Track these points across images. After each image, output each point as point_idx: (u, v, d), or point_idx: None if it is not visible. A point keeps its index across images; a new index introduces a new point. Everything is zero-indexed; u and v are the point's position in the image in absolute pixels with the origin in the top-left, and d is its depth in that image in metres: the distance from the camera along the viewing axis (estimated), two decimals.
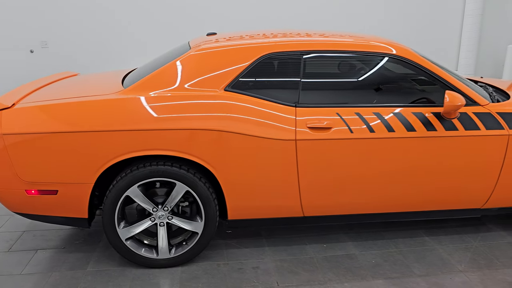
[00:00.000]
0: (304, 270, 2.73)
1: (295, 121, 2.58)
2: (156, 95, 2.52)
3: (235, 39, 2.81)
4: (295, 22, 7.37)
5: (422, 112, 2.70)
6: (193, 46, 2.80)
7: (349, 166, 2.65)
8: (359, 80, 2.76)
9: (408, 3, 7.56)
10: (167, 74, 2.61)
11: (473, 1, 7.49)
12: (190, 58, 2.65)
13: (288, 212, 2.78)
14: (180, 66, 2.63)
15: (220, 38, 2.88)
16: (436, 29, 7.79)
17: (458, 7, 7.69)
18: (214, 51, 2.67)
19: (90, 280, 2.61)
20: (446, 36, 7.84)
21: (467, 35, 7.67)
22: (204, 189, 2.60)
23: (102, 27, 7.06)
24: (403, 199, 2.81)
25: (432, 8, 7.65)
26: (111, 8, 6.98)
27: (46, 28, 6.99)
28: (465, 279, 2.63)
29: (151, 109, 2.48)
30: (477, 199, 2.91)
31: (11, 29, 6.93)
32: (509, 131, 2.74)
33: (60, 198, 2.55)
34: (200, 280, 2.61)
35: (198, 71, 2.61)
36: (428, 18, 7.69)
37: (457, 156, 2.73)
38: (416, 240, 3.11)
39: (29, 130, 2.43)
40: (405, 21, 7.65)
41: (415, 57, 2.78)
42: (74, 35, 7.05)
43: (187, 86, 2.58)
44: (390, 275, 2.67)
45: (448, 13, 7.71)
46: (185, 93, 2.55)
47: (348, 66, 2.79)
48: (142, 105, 2.49)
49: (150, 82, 2.59)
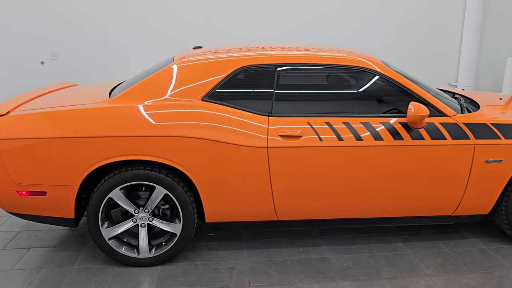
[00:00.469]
0: (277, 271, 2.87)
1: (267, 129, 2.74)
2: (137, 105, 2.72)
3: (215, 52, 3.00)
4: (293, 39, 7.57)
5: (390, 122, 2.84)
6: (175, 59, 3.00)
7: (319, 173, 2.80)
8: (330, 91, 2.92)
9: (408, 16, 7.68)
10: (149, 85, 2.81)
11: (473, 14, 7.58)
12: (171, 70, 2.85)
13: (263, 216, 2.93)
14: (161, 77, 2.83)
15: (205, 52, 3.07)
16: (436, 42, 7.88)
17: (457, 19, 7.79)
18: (193, 64, 2.87)
19: (75, 276, 2.79)
20: (446, 49, 7.93)
21: (467, 47, 7.75)
22: (182, 192, 2.77)
23: (109, 40, 7.36)
24: (372, 205, 2.94)
25: (432, 20, 7.76)
26: (118, 22, 7.29)
27: (56, 41, 7.32)
28: (430, 283, 2.74)
29: (132, 117, 2.67)
30: (447, 207, 3.02)
31: (24, 42, 7.28)
32: (475, 141, 2.86)
33: (49, 199, 2.76)
34: (177, 279, 2.77)
35: (178, 82, 2.81)
36: (428, 30, 7.79)
37: (424, 165, 2.86)
38: (390, 245, 3.22)
39: (21, 136, 2.64)
40: (405, 34, 7.77)
41: (385, 70, 2.93)
42: (82, 48, 7.36)
43: (167, 96, 2.78)
44: (358, 278, 2.79)
45: (448, 26, 7.81)
46: (165, 103, 2.75)
47: (320, 78, 2.95)
48: (124, 113, 2.69)
49: (133, 93, 2.80)
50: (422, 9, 7.70)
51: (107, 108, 2.71)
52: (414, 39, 7.82)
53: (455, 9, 7.74)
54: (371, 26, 7.70)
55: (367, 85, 2.96)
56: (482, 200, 3.01)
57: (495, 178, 2.94)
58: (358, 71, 2.93)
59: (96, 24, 7.29)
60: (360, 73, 2.93)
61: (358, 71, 2.93)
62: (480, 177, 2.93)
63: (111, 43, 7.38)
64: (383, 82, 2.92)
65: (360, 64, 2.93)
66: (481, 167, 2.90)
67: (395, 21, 7.71)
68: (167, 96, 2.78)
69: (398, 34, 7.77)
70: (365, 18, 7.65)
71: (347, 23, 7.65)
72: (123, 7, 7.23)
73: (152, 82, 2.82)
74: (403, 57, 7.88)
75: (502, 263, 2.97)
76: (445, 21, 7.78)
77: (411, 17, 7.71)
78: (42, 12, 7.17)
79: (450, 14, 7.77)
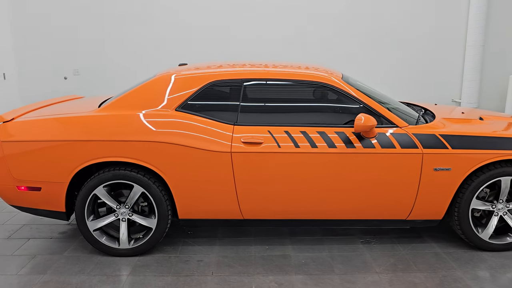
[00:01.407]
0: (240, 264, 3.19)
1: (232, 137, 3.10)
2: (119, 113, 3.15)
3: (193, 69, 3.41)
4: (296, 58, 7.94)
5: (344, 132, 3.15)
6: (156, 75, 3.43)
7: (277, 176, 3.12)
8: (291, 104, 3.26)
9: (412, 34, 7.92)
10: (130, 97, 3.24)
11: (474, 33, 7.73)
12: (149, 84, 3.27)
13: (230, 214, 3.27)
14: (141, 90, 3.26)
15: (184, 68, 3.49)
16: (440, 60, 8.05)
17: (460, 38, 7.96)
18: (170, 78, 3.28)
19: (63, 262, 3.21)
20: (450, 67, 8.08)
21: (469, 65, 7.89)
22: (157, 191, 3.15)
23: (126, 58, 7.95)
24: (330, 208, 3.22)
25: (435, 39, 7.96)
26: (133, 41, 7.88)
27: (78, 58, 7.98)
28: (376, 279, 2.99)
29: (114, 124, 3.10)
30: (401, 211, 3.27)
31: (49, 60, 7.98)
32: (423, 150, 3.11)
33: (43, 194, 3.20)
34: (149, 267, 3.14)
35: (155, 95, 3.22)
36: (432, 48, 7.99)
37: (376, 171, 3.13)
38: (351, 246, 3.48)
39: (21, 139, 3.11)
40: (410, 52, 7.99)
41: (342, 84, 3.25)
42: (102, 64, 7.99)
43: (146, 105, 3.19)
44: (311, 272, 3.08)
45: (451, 44, 7.98)
46: (143, 112, 3.16)
47: (282, 92, 3.29)
48: (107, 121, 3.11)
49: (116, 104, 3.23)
50: (425, 27, 7.92)
51: (92, 116, 3.15)
52: (419, 59, 8.03)
53: (458, 26, 7.92)
54: (376, 44, 7.97)
55: (325, 98, 3.28)
56: (433, 206, 3.24)
57: (445, 185, 3.17)
58: (318, 86, 3.25)
59: (115, 44, 7.91)
60: (319, 88, 3.26)
61: (318, 86, 3.25)
62: (430, 184, 3.17)
63: (127, 60, 7.97)
64: (340, 96, 3.24)
65: (319, 79, 3.26)
66: (430, 174, 3.15)
67: (401, 41, 7.95)
68: (146, 106, 3.19)
69: (402, 53, 8.00)
70: (369, 37, 7.95)
71: (351, 41, 7.96)
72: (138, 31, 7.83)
73: (133, 94, 3.25)
74: (408, 74, 8.08)
75: (450, 264, 3.17)
76: (448, 38, 7.96)
77: (415, 37, 7.94)
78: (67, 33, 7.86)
79: (453, 31, 7.95)
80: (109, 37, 7.92)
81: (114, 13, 7.84)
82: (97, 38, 7.92)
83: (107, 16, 7.84)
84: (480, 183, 3.18)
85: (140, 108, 3.19)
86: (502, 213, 3.31)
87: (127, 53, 7.97)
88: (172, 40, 7.92)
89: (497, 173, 3.17)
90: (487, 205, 3.29)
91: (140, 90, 3.27)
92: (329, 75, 3.31)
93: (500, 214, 3.31)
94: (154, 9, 7.84)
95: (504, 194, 3.26)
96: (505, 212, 3.31)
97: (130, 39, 7.92)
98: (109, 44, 7.95)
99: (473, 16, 7.72)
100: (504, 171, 3.17)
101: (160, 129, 3.09)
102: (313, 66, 3.63)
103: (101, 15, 7.84)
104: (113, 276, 3.02)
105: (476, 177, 3.19)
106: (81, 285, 2.91)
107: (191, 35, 7.91)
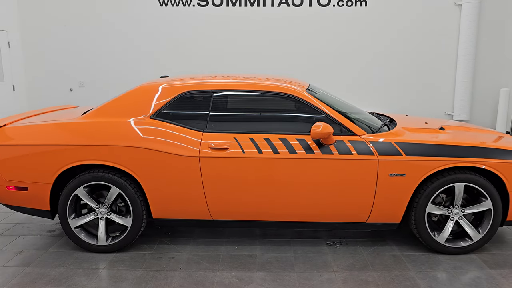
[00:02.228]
0: (207, 262, 3.43)
1: (200, 143, 3.37)
2: (99, 120, 3.45)
3: (169, 80, 3.70)
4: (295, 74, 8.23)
5: (305, 139, 3.39)
6: (137, 86, 3.73)
7: (242, 179, 3.37)
8: (257, 113, 3.52)
9: (405, 50, 8.14)
10: (111, 105, 3.54)
11: (465, 47, 7.92)
12: (128, 94, 3.58)
13: (200, 215, 3.52)
14: (120, 100, 3.56)
15: (166, 79, 3.79)
16: (433, 74, 8.25)
17: (451, 52, 8.14)
18: (147, 89, 3.58)
19: (46, 257, 3.49)
20: (442, 81, 8.27)
21: (461, 78, 8.05)
22: (132, 192, 3.43)
23: (127, 72, 8.35)
24: (290, 211, 3.45)
25: (428, 54, 8.17)
26: (134, 57, 8.28)
27: (83, 71, 8.41)
28: (332, 277, 3.19)
29: (93, 130, 3.40)
30: (360, 215, 3.47)
31: (56, 72, 8.43)
32: (379, 156, 3.33)
33: (30, 193, 3.50)
34: (124, 263, 3.40)
35: (133, 104, 3.52)
36: (424, 64, 8.19)
37: (334, 176, 3.35)
38: (315, 248, 3.68)
39: (11, 143, 3.43)
40: (404, 68, 8.21)
41: (305, 95, 3.50)
42: (105, 78, 8.40)
43: (124, 113, 3.49)
44: (272, 270, 3.29)
45: (443, 59, 8.18)
46: (120, 120, 3.45)
47: (249, 102, 3.55)
48: (87, 127, 3.42)
49: (98, 111, 3.54)
50: (418, 43, 8.14)
51: (74, 123, 3.46)
52: (413, 73, 8.24)
53: (450, 41, 8.12)
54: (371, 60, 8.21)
55: (289, 108, 3.53)
56: (391, 209, 3.43)
57: (400, 190, 3.37)
58: (282, 96, 3.51)
59: (117, 59, 8.32)
60: (283, 98, 3.51)
61: (282, 96, 3.51)
62: (386, 189, 3.37)
63: (128, 73, 8.37)
64: (303, 106, 3.48)
65: (284, 90, 3.51)
66: (386, 180, 3.35)
67: (394, 58, 8.19)
68: (124, 113, 3.49)
69: (397, 69, 8.23)
70: (364, 54, 8.19)
71: (346, 58, 8.22)
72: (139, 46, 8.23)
73: (113, 103, 3.55)
74: (403, 88, 8.28)
75: (406, 265, 3.35)
76: (441, 52, 8.17)
77: (408, 53, 8.17)
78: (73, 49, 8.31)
79: (444, 47, 8.15)
80: (111, 53, 8.34)
81: (116, 31, 8.27)
82: (101, 54, 8.35)
83: (111, 34, 8.28)
84: (434, 188, 3.37)
85: (119, 116, 3.49)
86: (458, 218, 3.48)
87: (128, 68, 8.38)
88: (169, 55, 8.30)
89: (450, 179, 3.36)
90: (443, 210, 3.47)
91: (120, 100, 3.57)
92: (293, 86, 3.56)
93: (456, 218, 3.48)
94: (151, 29, 8.25)
95: (459, 200, 3.44)
96: (460, 217, 3.48)
97: (130, 55, 8.33)
98: (111, 59, 8.37)
99: (464, 31, 7.90)
100: (456, 177, 3.35)
101: (135, 135, 3.38)
102: (282, 78, 3.90)
103: (105, 34, 8.28)
104: (89, 269, 3.29)
105: (431, 183, 3.38)
106: (59, 276, 3.19)
107: (187, 50, 8.28)
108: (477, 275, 3.20)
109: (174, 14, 8.14)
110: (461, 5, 7.85)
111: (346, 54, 8.21)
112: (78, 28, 8.28)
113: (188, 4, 8.10)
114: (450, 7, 7.91)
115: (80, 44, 8.33)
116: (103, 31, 8.26)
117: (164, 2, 8.11)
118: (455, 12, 7.93)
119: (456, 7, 7.92)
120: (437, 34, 8.07)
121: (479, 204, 3.44)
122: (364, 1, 8.01)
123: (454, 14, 7.94)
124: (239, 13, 8.07)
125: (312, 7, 8.03)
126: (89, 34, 8.29)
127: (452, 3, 7.91)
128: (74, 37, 8.30)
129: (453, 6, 7.92)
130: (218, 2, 8.06)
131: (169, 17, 8.16)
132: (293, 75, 7.91)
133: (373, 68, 8.25)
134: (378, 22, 8.08)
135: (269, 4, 8.01)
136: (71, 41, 8.32)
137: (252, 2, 8.03)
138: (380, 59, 8.21)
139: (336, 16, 8.06)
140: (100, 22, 8.24)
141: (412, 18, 8.05)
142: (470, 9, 7.72)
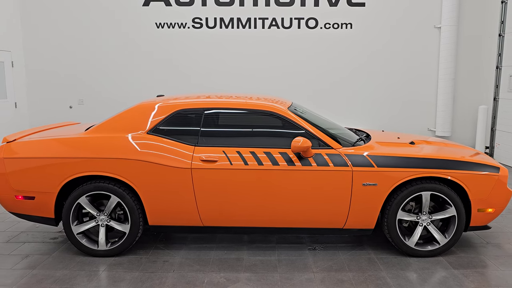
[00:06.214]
0: (198, 264, 3.75)
1: (192, 156, 3.73)
2: (100, 135, 3.82)
3: (165, 99, 4.09)
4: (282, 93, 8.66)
5: (287, 152, 3.76)
6: (135, 104, 4.11)
7: (229, 189, 3.72)
8: (244, 129, 3.89)
9: (390, 70, 8.59)
10: (111, 122, 3.92)
11: (445, 67, 8.37)
12: (127, 112, 3.95)
13: (192, 222, 3.86)
14: (120, 117, 3.93)
15: (162, 98, 4.18)
16: (416, 93, 8.69)
17: (432, 72, 8.60)
18: (144, 107, 3.96)
19: (50, 261, 3.81)
20: (425, 99, 8.70)
21: (442, 97, 8.50)
22: (130, 201, 3.77)
23: (125, 90, 8.74)
24: (276, 218, 3.80)
25: (410, 74, 8.62)
26: (131, 75, 8.69)
27: (83, 89, 8.80)
28: (311, 277, 3.52)
29: (95, 144, 3.76)
30: (337, 221, 3.82)
31: (56, 91, 8.81)
32: (353, 168, 3.70)
33: (36, 202, 3.84)
34: (122, 265, 3.72)
35: (131, 120, 3.89)
36: (407, 82, 8.64)
37: (313, 186, 3.71)
38: (298, 252, 4.02)
39: (20, 156, 3.78)
40: (388, 86, 8.66)
41: (287, 113, 3.88)
42: (104, 95, 8.78)
43: (123, 129, 3.85)
44: (257, 271, 3.62)
45: (425, 79, 8.63)
46: (120, 135, 3.82)
47: (237, 119, 3.93)
48: (90, 142, 3.78)
49: (100, 127, 3.91)
50: (401, 64, 8.60)
51: (78, 138, 3.83)
52: (396, 92, 8.68)
53: (430, 61, 8.58)
54: (357, 80, 8.66)
55: (273, 124, 3.91)
56: (365, 216, 3.79)
57: (373, 199, 3.73)
58: (266, 114, 3.89)
59: (115, 78, 8.73)
60: (267, 115, 3.90)
61: (266, 114, 3.89)
62: (360, 197, 3.73)
63: (126, 92, 8.76)
64: (285, 122, 3.87)
65: (267, 108, 3.90)
66: (360, 189, 3.72)
67: (378, 76, 8.64)
68: (123, 130, 3.86)
69: (380, 87, 8.67)
70: (350, 74, 8.64)
71: (334, 79, 8.66)
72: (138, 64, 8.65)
73: (113, 120, 3.93)
74: (388, 105, 8.71)
75: (378, 267, 3.70)
76: (422, 73, 8.63)
77: (392, 73, 8.62)
78: (72, 68, 8.71)
79: (425, 67, 8.61)
80: (110, 72, 8.75)
81: (115, 51, 8.69)
82: (100, 73, 8.76)
83: (109, 54, 8.70)
84: (403, 197, 3.74)
85: (118, 132, 3.86)
86: (426, 224, 3.84)
87: (125, 86, 8.78)
88: (166, 74, 8.72)
89: (417, 188, 3.73)
90: (412, 217, 3.83)
91: (119, 117, 3.94)
92: (276, 105, 3.95)
93: (424, 224, 3.84)
94: (149, 48, 8.68)
95: (426, 207, 3.80)
96: (428, 223, 3.84)
97: (128, 74, 8.74)
98: (110, 78, 8.77)
99: (443, 52, 8.38)
100: (423, 187, 3.73)
101: (134, 149, 3.74)
102: (270, 98, 4.29)
103: (105, 53, 8.70)
104: (90, 271, 3.61)
105: (400, 191, 3.75)
106: (63, 277, 3.50)
107: (183, 69, 8.70)
108: (442, 275, 3.55)
109: (170, 35, 8.59)
110: (440, 28, 8.34)
111: (333, 73, 8.66)
112: (76, 50, 8.70)
113: (183, 26, 8.56)
114: (430, 30, 8.41)
115: (81, 64, 8.73)
116: (103, 51, 8.68)
117: (160, 25, 8.56)
118: (435, 34, 8.42)
119: (435, 29, 8.41)
120: (418, 55, 8.54)
121: (444, 211, 3.80)
122: (349, 24, 8.49)
123: (434, 36, 8.43)
124: (231, 35, 8.53)
125: (300, 29, 8.50)
126: (89, 54, 8.70)
127: (432, 26, 8.41)
128: (75, 56, 8.71)
129: (433, 29, 8.41)
130: (211, 24, 8.53)
131: (166, 38, 8.60)
132: (280, 91, 8.35)
133: (358, 86, 8.69)
134: (363, 44, 8.55)
135: (260, 27, 8.48)
136: (72, 61, 8.73)
137: (244, 24, 8.50)
138: (365, 79, 8.66)
139: (323, 38, 8.52)
140: (101, 42, 8.67)
141: (395, 40, 8.53)
142: (448, 32, 8.21)
